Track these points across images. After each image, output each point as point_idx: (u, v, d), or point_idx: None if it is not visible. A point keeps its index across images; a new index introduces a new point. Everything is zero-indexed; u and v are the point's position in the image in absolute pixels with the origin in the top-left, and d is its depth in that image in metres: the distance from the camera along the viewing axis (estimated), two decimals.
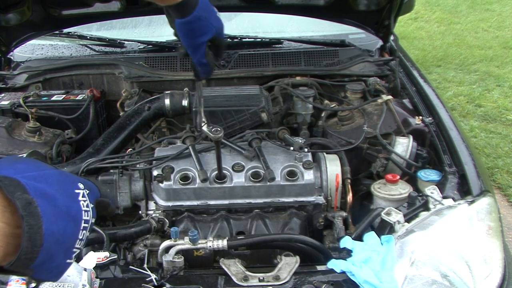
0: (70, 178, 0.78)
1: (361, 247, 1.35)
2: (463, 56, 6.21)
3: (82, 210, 0.74)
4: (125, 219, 1.78)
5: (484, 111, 4.75)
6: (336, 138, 1.94)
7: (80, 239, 0.74)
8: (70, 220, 0.71)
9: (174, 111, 1.98)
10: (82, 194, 0.76)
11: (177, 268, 1.34)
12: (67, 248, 0.72)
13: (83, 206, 0.75)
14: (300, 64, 2.34)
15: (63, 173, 0.77)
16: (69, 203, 0.73)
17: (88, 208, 0.76)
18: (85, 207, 0.75)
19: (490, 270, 1.30)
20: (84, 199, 0.76)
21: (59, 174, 0.76)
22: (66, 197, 0.73)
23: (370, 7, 2.21)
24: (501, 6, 8.34)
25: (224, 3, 2.24)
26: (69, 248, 0.72)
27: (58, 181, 0.73)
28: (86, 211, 0.75)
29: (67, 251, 0.72)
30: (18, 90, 2.30)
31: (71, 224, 0.72)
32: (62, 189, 0.73)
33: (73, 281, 1.15)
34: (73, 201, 0.74)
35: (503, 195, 3.56)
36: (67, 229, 0.70)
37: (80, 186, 0.77)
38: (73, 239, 0.72)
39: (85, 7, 2.22)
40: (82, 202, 0.75)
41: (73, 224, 0.72)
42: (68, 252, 0.72)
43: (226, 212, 1.66)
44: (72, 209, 0.73)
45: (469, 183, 1.55)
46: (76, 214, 0.73)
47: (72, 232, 0.72)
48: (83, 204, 0.75)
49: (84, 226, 0.74)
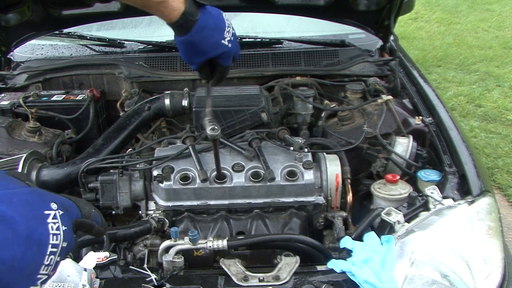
0: (41, 197, 0.72)
1: (361, 247, 1.35)
2: (463, 56, 6.21)
3: (50, 234, 0.69)
4: (125, 219, 1.79)
5: (484, 111, 4.75)
6: (336, 138, 1.94)
7: (47, 264, 0.68)
8: (31, 245, 0.66)
9: (174, 111, 1.98)
10: (54, 215, 0.70)
11: (177, 268, 1.34)
12: (29, 274, 0.66)
13: (51, 229, 0.69)
14: (300, 64, 2.34)
15: (34, 192, 0.72)
16: (32, 226, 0.67)
17: (59, 231, 0.70)
18: (55, 230, 0.69)
19: (490, 270, 1.30)
20: (55, 221, 0.70)
21: (29, 193, 0.71)
22: (30, 219, 0.67)
23: (370, 7, 2.21)
24: (501, 6, 8.34)
25: (224, 3, 2.23)
26: (32, 275, 0.67)
27: (25, 201, 0.68)
28: (55, 235, 0.69)
29: (30, 277, 0.66)
30: (18, 90, 2.30)
31: (33, 249, 0.66)
32: (27, 211, 0.67)
33: (73, 281, 1.15)
34: (38, 224, 0.68)
35: (503, 195, 3.56)
36: (26, 254, 0.65)
37: (52, 206, 0.71)
38: (36, 264, 0.67)
39: (85, 7, 2.21)
40: (52, 225, 0.69)
41: (36, 249, 0.67)
42: (31, 279, 0.67)
43: (226, 212, 1.66)
44: (35, 232, 0.67)
45: (469, 183, 1.55)
46: (41, 238, 0.67)
47: (33, 258, 0.66)
48: (52, 226, 0.69)
49: (52, 250, 0.68)
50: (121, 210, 1.68)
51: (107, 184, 1.65)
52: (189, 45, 1.23)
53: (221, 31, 1.25)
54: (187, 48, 1.25)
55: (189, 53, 1.26)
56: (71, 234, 0.74)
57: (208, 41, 1.24)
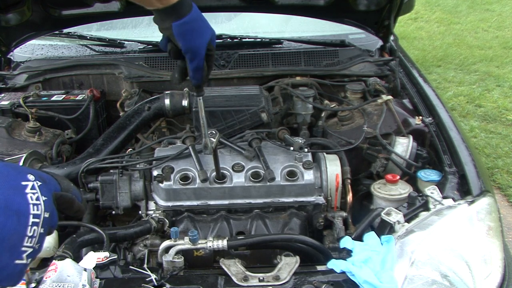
0: (16, 170, 0.71)
1: (361, 247, 1.35)
2: (463, 56, 6.21)
3: (30, 204, 0.67)
4: (125, 219, 1.79)
5: (484, 111, 4.75)
6: (336, 138, 1.94)
7: (30, 236, 0.66)
8: (10, 215, 0.64)
9: (174, 111, 1.98)
10: (32, 186, 0.69)
11: (177, 268, 1.34)
12: (12, 246, 0.65)
13: (30, 199, 0.67)
14: (300, 64, 2.34)
15: (9, 165, 0.71)
16: (10, 197, 0.66)
17: (39, 201, 0.68)
18: (34, 200, 0.68)
19: (490, 270, 1.30)
20: (34, 191, 0.68)
21: (3, 166, 0.69)
22: (7, 190, 0.66)
23: (370, 7, 2.21)
24: (501, 6, 8.34)
25: (224, 3, 2.24)
26: (15, 247, 0.65)
27: (0, 174, 0.67)
28: (35, 205, 0.68)
29: (13, 250, 0.65)
30: (18, 90, 2.30)
31: (13, 219, 0.65)
32: (3, 182, 0.66)
33: (73, 281, 1.15)
34: (16, 194, 0.67)
35: (503, 195, 3.56)
36: (6, 225, 0.64)
37: (29, 177, 0.70)
38: (19, 236, 0.65)
39: (85, 7, 2.22)
40: (31, 195, 0.68)
41: (16, 219, 0.65)
42: (15, 252, 0.65)
43: (226, 212, 1.66)
44: (13, 202, 0.65)
45: (469, 183, 1.55)
46: (20, 207, 0.66)
47: (15, 228, 0.65)
48: (31, 197, 0.68)
49: (34, 221, 0.67)
50: (121, 210, 1.68)
51: (107, 184, 1.65)
52: (196, 22, 1.18)
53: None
54: (189, 30, 1.19)
55: (196, 33, 1.20)
56: (53, 206, 0.72)
57: (204, 19, 1.22)
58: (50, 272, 1.16)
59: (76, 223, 1.57)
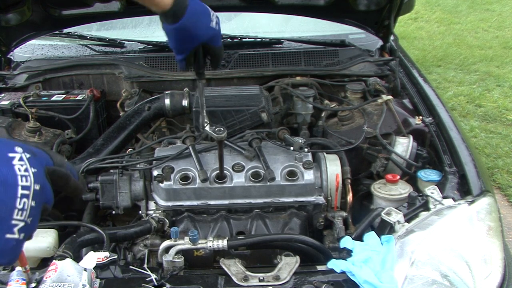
0: (3, 142, 0.69)
1: (361, 247, 1.35)
2: (463, 56, 6.21)
3: (17, 175, 0.65)
4: (125, 219, 1.79)
5: (484, 111, 4.75)
6: (336, 138, 1.94)
7: (20, 208, 0.65)
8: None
9: (174, 111, 1.98)
10: (19, 158, 0.67)
11: (177, 268, 1.34)
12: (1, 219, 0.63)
13: (18, 170, 0.66)
14: (300, 64, 2.34)
15: None
16: None
17: (27, 173, 0.67)
18: (23, 171, 0.66)
19: (490, 270, 1.30)
20: (21, 163, 0.67)
21: None
22: None
23: (370, 7, 2.21)
24: (501, 6, 8.33)
25: (224, 3, 2.24)
26: (5, 220, 0.63)
27: None
28: (23, 176, 0.66)
29: (2, 223, 0.63)
30: (18, 90, 2.30)
31: (0, 189, 0.63)
32: None
33: (73, 281, 1.15)
34: (2, 165, 0.65)
35: (503, 195, 3.56)
36: None
37: (16, 149, 0.68)
38: (7, 208, 0.64)
39: (85, 7, 2.22)
40: (18, 167, 0.66)
41: (3, 190, 0.63)
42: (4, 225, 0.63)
43: (226, 212, 1.66)
44: (0, 173, 0.64)
45: (469, 183, 1.55)
46: (7, 178, 0.64)
47: (2, 199, 0.63)
48: (19, 168, 0.66)
49: (23, 193, 0.65)
50: (121, 210, 1.68)
51: (107, 184, 1.65)
52: (182, 31, 1.24)
53: (208, 14, 1.28)
54: (179, 34, 1.25)
55: (181, 40, 1.27)
56: (44, 179, 0.70)
57: (200, 25, 1.26)
58: (50, 272, 1.16)
59: (76, 223, 1.57)
